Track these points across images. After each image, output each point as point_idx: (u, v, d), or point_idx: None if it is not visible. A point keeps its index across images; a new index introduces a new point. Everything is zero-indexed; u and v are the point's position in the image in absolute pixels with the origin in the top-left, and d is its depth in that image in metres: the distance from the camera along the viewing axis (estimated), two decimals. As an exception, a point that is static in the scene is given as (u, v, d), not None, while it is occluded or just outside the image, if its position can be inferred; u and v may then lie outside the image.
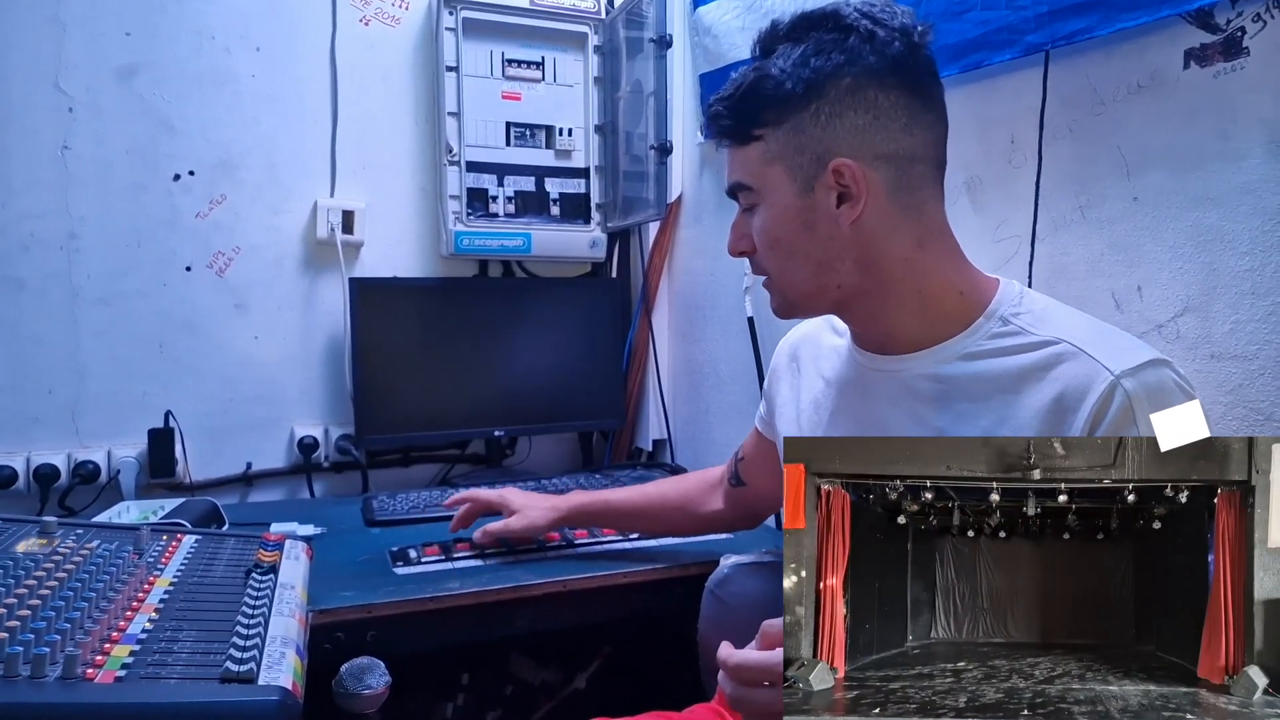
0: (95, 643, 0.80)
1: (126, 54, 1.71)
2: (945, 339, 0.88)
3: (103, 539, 1.06)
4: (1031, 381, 0.81)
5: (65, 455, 1.69)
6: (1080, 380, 0.78)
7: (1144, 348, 0.81)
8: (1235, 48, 0.89)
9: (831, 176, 0.84)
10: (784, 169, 0.87)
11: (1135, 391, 0.76)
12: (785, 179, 0.87)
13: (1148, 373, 0.77)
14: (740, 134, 0.89)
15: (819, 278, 0.89)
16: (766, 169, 0.88)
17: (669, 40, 1.77)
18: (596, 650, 1.79)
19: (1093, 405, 0.76)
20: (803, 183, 0.86)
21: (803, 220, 0.87)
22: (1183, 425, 0.66)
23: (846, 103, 0.84)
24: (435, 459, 2.01)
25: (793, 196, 0.87)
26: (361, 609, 1.18)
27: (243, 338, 1.83)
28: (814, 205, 0.86)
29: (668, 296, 2.03)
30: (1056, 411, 0.79)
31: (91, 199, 1.70)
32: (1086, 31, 1.02)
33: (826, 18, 0.86)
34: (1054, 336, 0.82)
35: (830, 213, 0.86)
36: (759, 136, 0.87)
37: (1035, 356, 0.82)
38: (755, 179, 0.89)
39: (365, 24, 1.88)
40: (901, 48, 0.83)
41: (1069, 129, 1.08)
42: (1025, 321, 0.85)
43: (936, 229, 0.89)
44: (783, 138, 0.86)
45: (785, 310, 0.95)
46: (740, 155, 0.90)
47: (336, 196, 1.87)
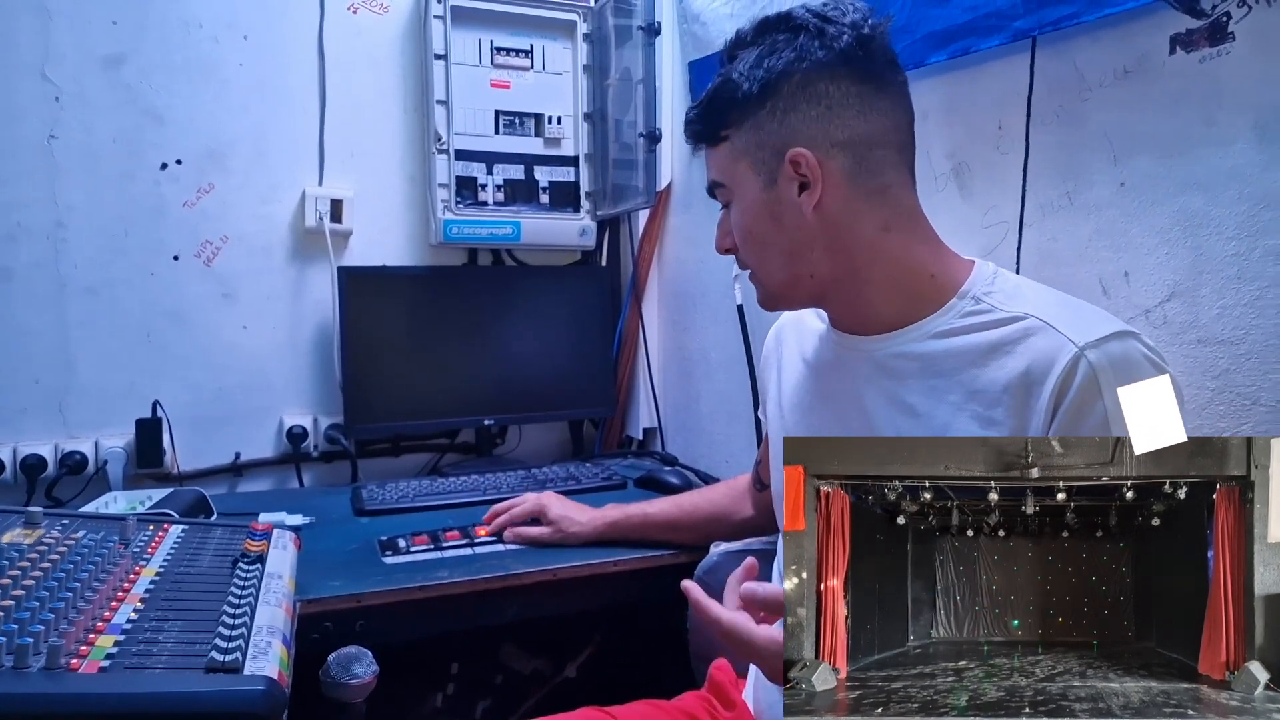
0: (80, 633, 0.80)
1: (113, 43, 1.70)
2: (919, 319, 0.89)
3: (89, 529, 1.05)
4: (999, 355, 0.83)
5: (52, 445, 1.68)
6: (1046, 353, 0.79)
7: (1111, 320, 0.82)
8: (1221, 33, 0.89)
9: (790, 167, 0.88)
10: (749, 164, 0.91)
11: (1099, 363, 0.76)
12: (751, 174, 0.91)
13: (1113, 344, 0.78)
14: (710, 136, 0.95)
15: (792, 267, 0.92)
16: (734, 166, 0.93)
17: (658, 28, 1.77)
18: (587, 639, 1.79)
19: (1058, 377, 0.77)
20: (766, 176, 0.90)
21: (770, 212, 0.91)
22: (1150, 399, 0.65)
23: (799, 96, 0.88)
24: (425, 448, 2.00)
25: (759, 190, 0.91)
26: (350, 598, 1.18)
27: (231, 327, 1.82)
28: (779, 197, 0.90)
29: (657, 285, 2.03)
30: (1024, 385, 0.80)
31: (78, 188, 1.69)
32: (1073, 17, 1.01)
33: (781, 19, 0.91)
34: (1023, 312, 0.83)
35: (794, 202, 0.89)
36: (725, 137, 0.93)
37: (1004, 332, 0.83)
38: (726, 176, 0.94)
39: (353, 12, 1.87)
40: (850, 40, 0.87)
41: (1056, 115, 1.08)
42: (996, 300, 0.86)
43: (905, 213, 0.91)
44: (745, 136, 0.91)
45: (768, 302, 0.99)
46: (714, 156, 0.96)
47: (325, 185, 1.86)
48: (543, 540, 1.37)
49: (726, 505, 1.34)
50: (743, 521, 1.31)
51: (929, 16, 1.19)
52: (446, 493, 1.64)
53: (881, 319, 0.91)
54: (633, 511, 1.39)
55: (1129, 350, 0.78)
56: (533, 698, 1.78)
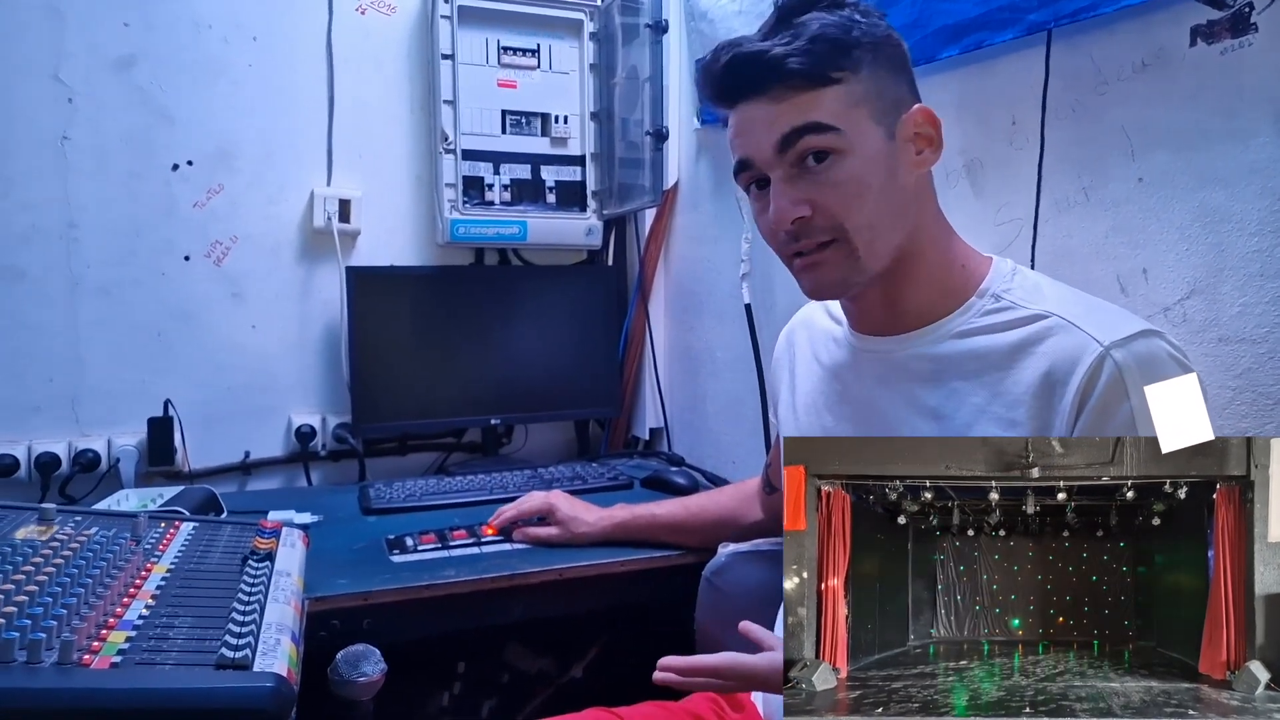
0: (91, 629, 0.81)
1: (124, 44, 1.71)
2: (941, 316, 0.88)
3: (101, 526, 1.06)
4: (1022, 356, 0.81)
5: (66, 444, 1.70)
6: (1070, 352, 0.78)
7: (1135, 319, 0.81)
8: (1243, 24, 0.87)
9: (911, 124, 0.85)
10: (869, 112, 0.83)
11: (1125, 362, 0.75)
12: (871, 123, 0.84)
13: (1138, 343, 0.77)
14: (817, 76, 0.82)
15: (897, 231, 0.85)
16: (851, 111, 0.83)
17: (665, 26, 1.77)
18: (593, 639, 1.79)
19: (1082, 377, 0.76)
20: (886, 128, 0.84)
21: (888, 167, 0.84)
22: (1177, 397, 0.65)
23: (900, 61, 0.87)
24: (431, 447, 2.01)
25: (881, 141, 0.84)
26: (358, 596, 1.19)
27: (240, 327, 1.83)
28: (896, 152, 0.85)
29: (664, 284, 2.03)
30: (1047, 385, 0.79)
31: (90, 189, 1.70)
32: (1090, 9, 0.99)
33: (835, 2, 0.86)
34: (1044, 310, 0.82)
35: (911, 161, 0.86)
36: (838, 80, 0.82)
37: (1026, 331, 0.82)
38: (841, 120, 0.82)
39: (361, 13, 1.87)
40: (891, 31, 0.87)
41: (1072, 109, 1.06)
42: (1016, 297, 0.85)
43: (936, 202, 0.91)
44: (866, 82, 0.83)
45: (854, 276, 0.86)
46: (809, 99, 0.82)
47: (333, 185, 1.87)
48: (550, 540, 1.37)
49: (735, 508, 1.33)
50: (751, 525, 1.30)
51: (941, 10, 1.18)
52: (453, 492, 1.64)
53: (908, 313, 0.90)
54: (640, 512, 1.39)
55: (1154, 349, 0.77)
56: (539, 697, 1.78)
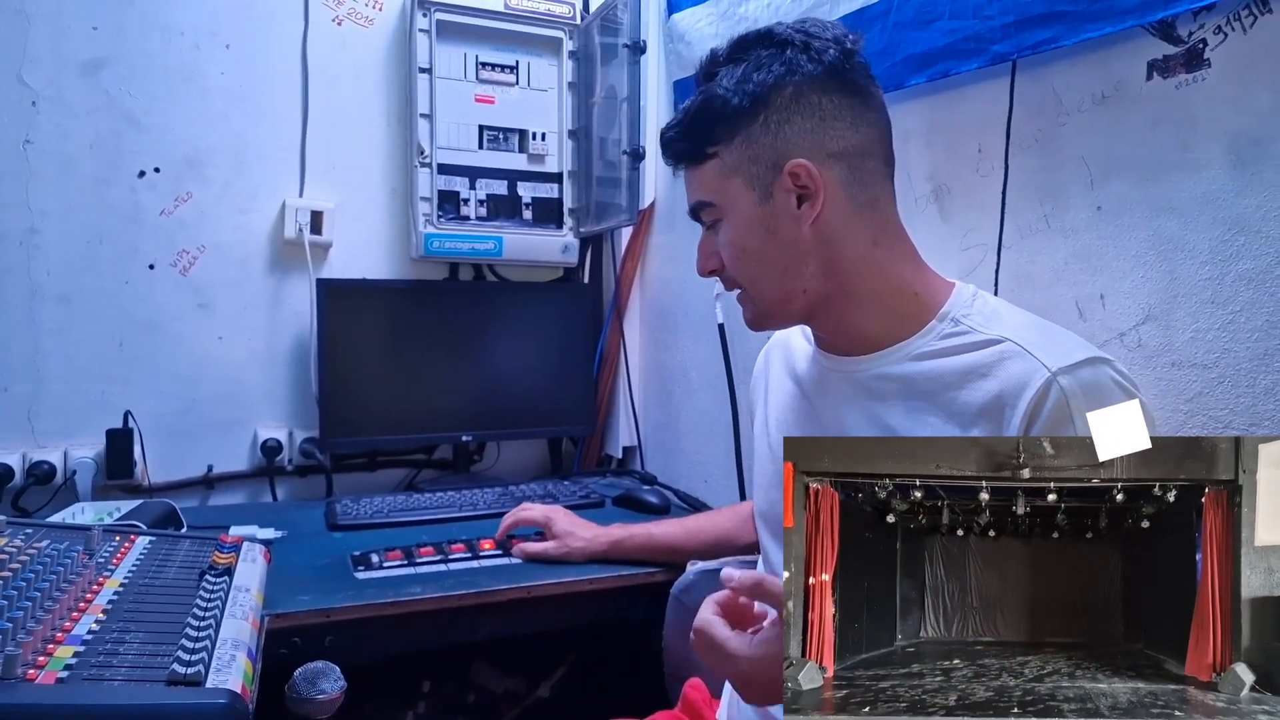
0: (38, 643, 0.78)
1: (93, 48, 1.69)
2: (901, 340, 0.89)
3: (52, 539, 1.03)
4: (976, 379, 0.83)
5: (20, 455, 1.65)
6: (1019, 377, 0.80)
7: (1085, 346, 0.83)
8: (1197, 59, 0.90)
9: (788, 179, 0.87)
10: (742, 180, 0.89)
11: (1071, 388, 0.77)
12: (744, 189, 0.89)
13: (1084, 371, 0.78)
14: (695, 154, 0.92)
15: (786, 283, 0.90)
16: (725, 183, 0.90)
17: (643, 46, 1.77)
18: (561, 657, 1.77)
19: (1029, 401, 0.78)
20: (761, 190, 0.88)
21: (765, 227, 0.89)
22: (1119, 424, 0.66)
23: (792, 109, 0.87)
24: (401, 464, 1.98)
25: (753, 205, 0.89)
26: (319, 613, 1.16)
27: (206, 338, 1.80)
28: (774, 211, 0.88)
29: (639, 303, 2.03)
30: (997, 407, 0.80)
31: (53, 194, 1.67)
32: (1052, 41, 1.02)
33: (761, 37, 0.90)
34: (999, 335, 0.84)
35: (791, 215, 0.88)
36: (713, 154, 0.90)
37: (981, 355, 0.84)
38: (715, 194, 0.91)
39: (338, 24, 1.86)
40: (836, 54, 0.87)
41: (1035, 139, 1.09)
42: (975, 322, 0.87)
43: (891, 227, 0.91)
44: (736, 151, 0.89)
45: (759, 321, 0.96)
46: (697, 175, 0.92)
47: (305, 196, 1.85)
48: (547, 555, 1.36)
49: (732, 529, 1.33)
50: (748, 546, 1.30)
51: (909, 39, 1.20)
52: (422, 509, 1.62)
53: (867, 338, 0.91)
54: (637, 531, 1.38)
55: (1100, 376, 0.79)
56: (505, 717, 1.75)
